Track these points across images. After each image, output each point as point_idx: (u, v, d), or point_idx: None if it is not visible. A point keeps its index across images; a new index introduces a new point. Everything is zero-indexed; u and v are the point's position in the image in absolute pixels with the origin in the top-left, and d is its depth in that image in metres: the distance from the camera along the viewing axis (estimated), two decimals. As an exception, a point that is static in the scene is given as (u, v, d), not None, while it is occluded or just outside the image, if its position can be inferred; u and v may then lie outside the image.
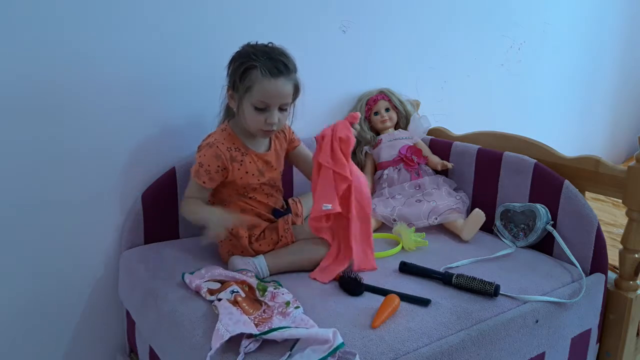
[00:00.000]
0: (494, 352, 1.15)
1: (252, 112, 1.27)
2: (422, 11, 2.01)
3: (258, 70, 1.24)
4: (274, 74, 1.25)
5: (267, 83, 1.24)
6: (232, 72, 1.30)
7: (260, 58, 1.25)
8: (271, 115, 1.28)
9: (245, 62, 1.26)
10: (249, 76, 1.25)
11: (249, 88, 1.25)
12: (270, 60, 1.25)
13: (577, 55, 2.70)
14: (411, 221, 1.59)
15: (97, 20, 1.35)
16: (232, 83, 1.30)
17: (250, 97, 1.26)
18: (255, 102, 1.26)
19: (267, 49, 1.28)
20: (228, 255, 1.35)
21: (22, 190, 1.34)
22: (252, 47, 1.29)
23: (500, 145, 1.68)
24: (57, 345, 1.48)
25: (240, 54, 1.29)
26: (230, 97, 1.32)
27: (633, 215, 1.39)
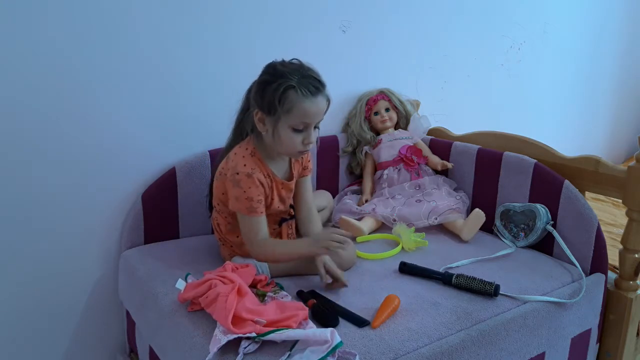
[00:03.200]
0: (494, 352, 1.15)
1: (289, 134, 1.21)
2: (422, 11, 2.01)
3: (297, 90, 1.18)
4: (313, 93, 1.19)
5: (308, 103, 1.18)
6: (267, 94, 1.19)
7: (295, 77, 1.18)
8: (309, 135, 1.23)
9: (283, 82, 1.17)
10: (288, 97, 1.18)
11: (289, 110, 1.18)
12: (305, 78, 1.19)
13: (577, 55, 2.70)
14: (411, 221, 1.59)
15: (97, 20, 1.35)
16: (266, 106, 1.20)
17: (288, 119, 1.19)
18: (295, 123, 1.20)
19: (296, 67, 1.22)
20: (230, 257, 1.35)
21: (22, 190, 1.34)
22: (282, 65, 1.21)
23: (500, 145, 1.68)
24: (57, 345, 1.48)
25: (274, 75, 1.20)
26: (260, 120, 1.23)
27: (633, 215, 1.39)
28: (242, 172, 1.23)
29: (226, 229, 1.34)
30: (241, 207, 1.24)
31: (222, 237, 1.36)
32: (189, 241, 1.51)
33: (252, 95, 1.26)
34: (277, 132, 1.22)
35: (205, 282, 1.10)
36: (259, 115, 1.24)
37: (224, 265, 1.18)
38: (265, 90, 1.20)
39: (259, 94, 1.22)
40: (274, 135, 1.23)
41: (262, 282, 1.19)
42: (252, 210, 1.23)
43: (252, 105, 1.26)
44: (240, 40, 1.59)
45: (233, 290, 1.05)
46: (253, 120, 1.26)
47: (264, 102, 1.20)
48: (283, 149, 1.25)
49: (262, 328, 1.00)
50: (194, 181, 1.54)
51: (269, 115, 1.21)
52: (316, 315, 1.10)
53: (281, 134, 1.22)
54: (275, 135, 1.23)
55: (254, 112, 1.24)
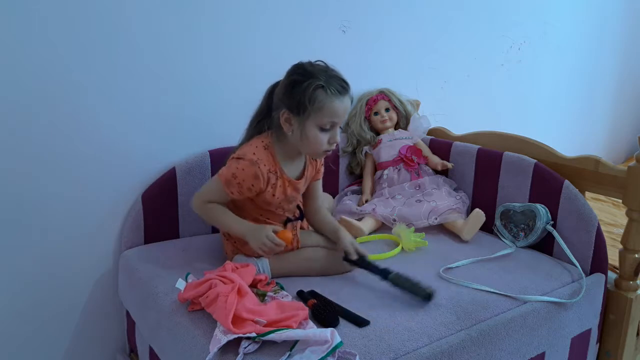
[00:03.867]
0: (494, 352, 1.15)
1: (317, 133, 1.23)
2: (422, 11, 2.01)
3: (326, 89, 1.20)
4: (341, 92, 1.22)
5: (337, 102, 1.21)
6: (297, 94, 1.20)
7: (322, 77, 1.21)
8: (335, 134, 1.25)
9: (313, 82, 1.20)
10: (318, 97, 1.20)
11: (319, 109, 1.20)
12: (332, 78, 1.22)
13: (577, 55, 2.70)
14: (411, 221, 1.59)
15: (96, 20, 1.35)
16: (295, 106, 1.21)
17: (317, 118, 1.21)
18: (323, 122, 1.22)
19: (323, 67, 1.24)
20: (233, 253, 1.35)
21: (22, 191, 1.34)
22: (310, 66, 1.24)
23: (500, 145, 1.68)
24: (57, 345, 1.48)
25: (303, 75, 1.22)
26: (286, 121, 1.24)
27: (633, 215, 1.39)
28: (247, 158, 1.25)
29: None
30: (223, 174, 1.26)
31: (227, 232, 1.36)
32: (189, 241, 1.51)
33: (279, 96, 1.26)
34: (304, 131, 1.23)
35: (205, 282, 1.10)
36: (285, 115, 1.24)
37: (224, 265, 1.18)
38: (295, 89, 1.21)
39: (287, 94, 1.23)
40: (301, 135, 1.24)
41: (262, 282, 1.19)
42: (227, 184, 1.25)
43: (278, 105, 1.26)
44: (240, 41, 1.59)
45: (233, 290, 1.05)
46: (277, 121, 1.26)
47: (293, 102, 1.22)
48: (309, 148, 1.27)
49: (262, 328, 1.00)
50: (194, 181, 1.54)
51: (298, 115, 1.22)
52: (316, 315, 1.10)
53: (309, 134, 1.23)
54: (302, 134, 1.24)
55: (280, 112, 1.25)
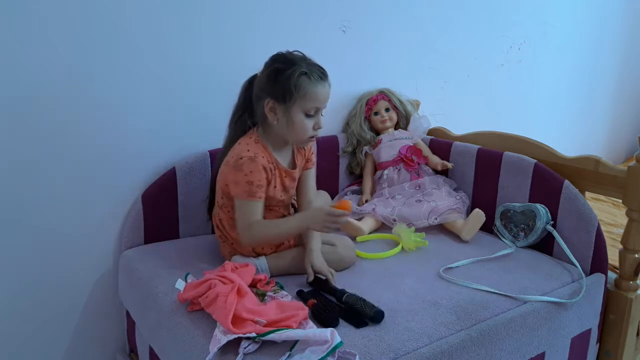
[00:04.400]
0: (494, 352, 1.15)
1: (302, 119, 1.26)
2: (422, 11, 2.01)
3: (309, 76, 1.23)
4: (323, 78, 1.26)
5: (320, 87, 1.25)
6: (282, 81, 1.23)
7: (303, 64, 1.24)
8: (319, 119, 1.29)
9: (297, 69, 1.23)
10: (303, 83, 1.23)
11: (304, 95, 1.23)
12: (312, 65, 1.26)
13: (577, 55, 2.70)
14: (411, 221, 1.59)
15: (97, 20, 1.35)
16: (281, 93, 1.23)
17: (302, 104, 1.24)
18: (308, 108, 1.25)
19: (301, 56, 1.27)
20: (230, 255, 1.35)
21: (22, 190, 1.34)
22: (290, 54, 1.27)
23: (500, 145, 1.68)
24: (57, 345, 1.48)
25: (285, 63, 1.24)
26: (271, 109, 1.26)
27: (633, 215, 1.39)
28: (245, 156, 1.24)
29: (229, 224, 1.33)
30: (240, 191, 1.24)
31: (224, 235, 1.36)
32: (189, 241, 1.51)
33: (260, 86, 1.27)
34: (290, 118, 1.25)
35: (204, 282, 1.10)
36: (270, 104, 1.26)
37: (223, 265, 1.18)
38: (279, 77, 1.23)
39: (270, 82, 1.25)
40: (287, 122, 1.26)
41: (262, 282, 1.19)
42: (251, 194, 1.24)
43: (260, 96, 1.28)
44: (240, 41, 1.59)
45: (233, 290, 1.05)
46: (262, 111, 1.28)
47: (278, 90, 1.24)
48: (295, 135, 1.28)
49: (262, 328, 1.00)
50: (194, 181, 1.54)
51: (283, 103, 1.24)
52: (316, 315, 1.10)
53: (295, 120, 1.25)
54: (288, 122, 1.26)
55: (264, 102, 1.26)
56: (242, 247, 1.32)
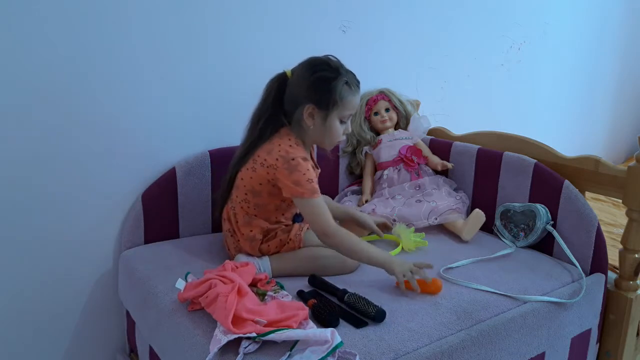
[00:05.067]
0: (494, 352, 1.15)
1: (338, 125, 1.31)
2: (422, 11, 2.01)
3: (349, 85, 1.28)
4: (359, 87, 1.31)
5: (357, 97, 1.31)
6: (327, 90, 1.26)
7: (344, 72, 1.28)
8: (348, 125, 1.35)
9: (341, 78, 1.26)
10: (345, 92, 1.27)
11: (346, 104, 1.28)
12: (349, 73, 1.30)
13: (577, 55, 2.70)
14: (411, 221, 1.59)
15: (96, 19, 1.35)
16: (324, 101, 1.27)
17: (341, 112, 1.29)
18: (344, 115, 1.30)
19: (339, 63, 1.30)
20: (235, 249, 1.36)
21: (22, 191, 1.34)
22: (331, 61, 1.29)
23: (500, 145, 1.68)
24: (57, 345, 1.48)
25: (331, 71, 1.27)
26: (310, 115, 1.29)
27: (633, 215, 1.39)
28: (297, 157, 1.26)
29: (243, 220, 1.34)
30: (304, 191, 1.25)
31: (233, 228, 1.36)
32: (189, 241, 1.51)
33: (302, 92, 1.29)
34: (327, 124, 1.30)
35: (205, 281, 1.10)
36: (310, 110, 1.28)
37: (223, 265, 1.18)
38: (325, 85, 1.26)
39: (314, 90, 1.27)
40: (323, 127, 1.30)
41: (262, 281, 1.19)
42: (315, 192, 1.26)
43: (300, 101, 1.29)
44: (240, 41, 1.59)
45: (233, 290, 1.05)
46: (300, 114, 1.29)
47: (323, 97, 1.27)
48: (329, 140, 1.33)
49: (262, 328, 1.00)
50: (194, 181, 1.54)
51: (323, 110, 1.28)
52: (316, 315, 1.10)
53: (332, 126, 1.30)
54: (325, 128, 1.30)
55: (304, 107, 1.28)
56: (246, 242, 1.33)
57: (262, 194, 1.31)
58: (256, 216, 1.34)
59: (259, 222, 1.33)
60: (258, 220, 1.33)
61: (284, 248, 1.34)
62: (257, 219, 1.33)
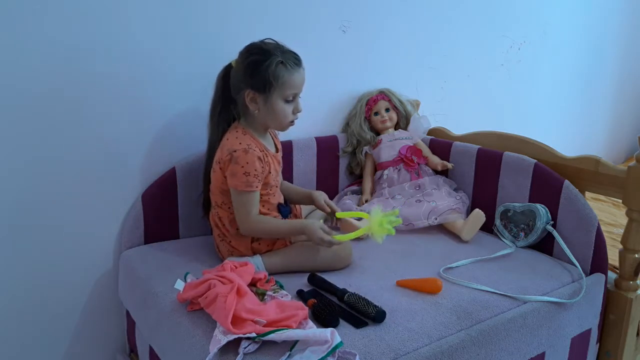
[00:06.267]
0: (494, 352, 1.15)
1: (283, 106, 1.31)
2: (422, 11, 2.01)
3: (285, 64, 1.28)
4: (298, 64, 1.31)
5: (296, 75, 1.30)
6: (261, 73, 1.27)
7: (279, 53, 1.28)
8: (298, 104, 1.34)
9: (273, 59, 1.27)
10: (280, 72, 1.27)
11: (282, 83, 1.28)
12: (286, 53, 1.30)
13: (577, 55, 2.70)
14: (411, 221, 1.59)
15: (96, 19, 1.35)
16: (261, 84, 1.28)
17: (282, 92, 1.29)
18: (287, 95, 1.30)
19: (275, 44, 1.31)
20: (228, 254, 1.35)
21: (22, 191, 1.34)
22: (265, 44, 1.31)
23: (500, 145, 1.68)
24: (57, 345, 1.48)
25: (262, 54, 1.28)
26: (252, 100, 1.30)
27: (633, 215, 1.39)
28: (239, 149, 1.27)
29: (229, 221, 1.34)
30: (237, 183, 1.27)
31: (223, 233, 1.36)
32: (189, 241, 1.51)
33: (239, 78, 1.31)
34: (271, 106, 1.30)
35: (204, 282, 1.10)
36: (250, 95, 1.30)
37: (222, 265, 1.18)
38: (257, 69, 1.27)
39: (249, 74, 1.28)
40: (268, 110, 1.31)
41: (261, 280, 1.19)
42: (248, 185, 1.27)
43: (239, 87, 1.31)
44: (240, 41, 1.58)
45: (232, 290, 1.05)
46: (242, 101, 1.31)
47: (258, 81, 1.28)
48: (277, 121, 1.33)
49: (262, 328, 1.00)
50: (194, 181, 1.53)
51: (263, 93, 1.29)
52: (316, 315, 1.10)
53: (276, 108, 1.30)
54: (269, 110, 1.31)
55: (244, 93, 1.30)
56: (239, 241, 1.33)
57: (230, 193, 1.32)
58: None
59: None
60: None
61: (275, 245, 1.35)
62: None
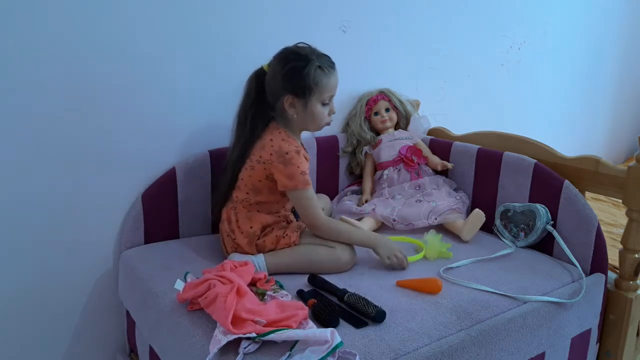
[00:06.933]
0: (494, 352, 1.15)
1: (320, 108, 1.35)
2: (423, 11, 2.01)
3: (323, 69, 1.32)
4: (333, 67, 1.35)
5: (333, 78, 1.34)
6: (301, 79, 1.30)
7: (315, 57, 1.32)
8: (332, 106, 1.39)
9: (312, 64, 1.30)
10: (319, 76, 1.31)
11: (322, 87, 1.32)
12: (321, 57, 1.34)
13: (577, 55, 2.70)
14: (411, 221, 1.59)
15: (98, 20, 1.35)
16: (301, 89, 1.31)
17: (320, 95, 1.33)
18: (324, 98, 1.34)
19: (310, 49, 1.34)
20: (232, 249, 1.36)
21: (23, 191, 1.34)
22: (301, 49, 1.34)
23: (500, 145, 1.68)
24: (57, 345, 1.48)
25: (300, 60, 1.31)
26: (291, 105, 1.33)
27: (633, 215, 1.39)
28: (290, 151, 1.31)
29: (244, 217, 1.35)
30: (298, 183, 1.31)
31: (233, 228, 1.36)
32: (189, 241, 1.51)
33: (278, 84, 1.33)
34: (310, 110, 1.34)
35: (204, 282, 1.10)
36: (289, 100, 1.33)
37: (222, 264, 1.18)
38: (297, 75, 1.30)
39: (287, 80, 1.31)
40: (307, 114, 1.35)
41: (261, 280, 1.19)
42: (307, 183, 1.32)
43: (278, 93, 1.34)
44: (240, 41, 1.59)
45: (232, 290, 1.05)
46: (280, 106, 1.34)
47: (298, 87, 1.31)
48: (315, 124, 1.38)
49: (262, 328, 1.00)
50: (194, 181, 1.54)
51: (302, 98, 1.32)
52: (316, 315, 1.10)
53: (315, 111, 1.35)
54: (308, 113, 1.35)
55: (283, 98, 1.33)
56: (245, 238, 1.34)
57: (263, 191, 1.36)
58: (258, 211, 1.37)
59: (260, 217, 1.36)
60: (259, 215, 1.36)
61: (280, 244, 1.35)
62: (258, 213, 1.36)
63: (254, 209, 1.37)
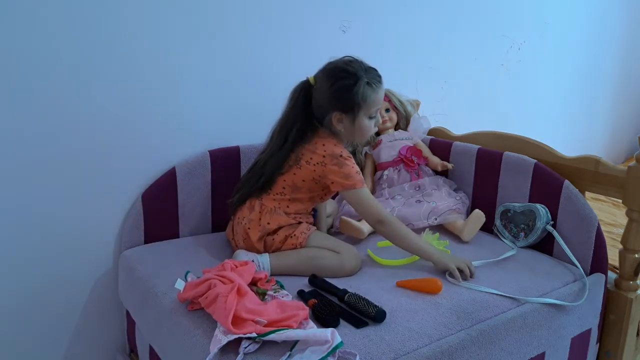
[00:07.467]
0: (494, 352, 1.15)
1: (367, 122, 1.37)
2: (423, 11, 2.01)
3: (370, 85, 1.33)
4: (380, 81, 1.36)
5: (380, 92, 1.35)
6: (350, 96, 1.31)
7: (363, 73, 1.32)
8: (378, 118, 1.41)
9: (360, 82, 1.31)
10: (367, 93, 1.32)
11: (370, 103, 1.33)
12: (369, 72, 1.34)
13: (577, 55, 2.70)
14: (411, 222, 1.59)
15: (98, 19, 1.35)
16: (349, 107, 1.33)
17: (368, 110, 1.34)
18: (372, 112, 1.36)
19: (358, 63, 1.34)
20: (241, 238, 1.37)
21: (23, 190, 1.34)
22: (349, 65, 1.33)
23: (500, 145, 1.68)
24: (57, 345, 1.48)
25: (349, 77, 1.31)
26: (339, 121, 1.35)
27: (633, 215, 1.39)
28: (344, 154, 1.36)
29: (267, 212, 1.35)
30: (355, 182, 1.34)
31: (253, 218, 1.36)
32: (189, 241, 1.51)
33: (327, 101, 1.34)
34: (358, 124, 1.36)
35: (204, 281, 1.10)
36: (337, 116, 1.35)
37: (222, 264, 1.18)
38: (347, 93, 1.32)
39: (338, 98, 1.33)
40: (354, 129, 1.36)
41: (262, 280, 1.19)
42: (362, 181, 1.36)
43: (327, 108, 1.35)
44: (240, 41, 1.59)
45: (232, 290, 1.05)
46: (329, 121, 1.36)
47: (346, 105, 1.33)
48: (362, 137, 1.41)
49: (262, 328, 1.00)
50: (194, 181, 1.54)
51: (350, 114, 1.34)
52: (317, 315, 1.10)
53: (362, 125, 1.36)
54: (356, 127, 1.36)
55: (331, 115, 1.34)
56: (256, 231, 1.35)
57: (302, 190, 1.38)
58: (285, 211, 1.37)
59: (279, 217, 1.36)
60: (279, 215, 1.36)
61: (286, 243, 1.35)
62: (278, 214, 1.36)
63: (283, 205, 1.37)
